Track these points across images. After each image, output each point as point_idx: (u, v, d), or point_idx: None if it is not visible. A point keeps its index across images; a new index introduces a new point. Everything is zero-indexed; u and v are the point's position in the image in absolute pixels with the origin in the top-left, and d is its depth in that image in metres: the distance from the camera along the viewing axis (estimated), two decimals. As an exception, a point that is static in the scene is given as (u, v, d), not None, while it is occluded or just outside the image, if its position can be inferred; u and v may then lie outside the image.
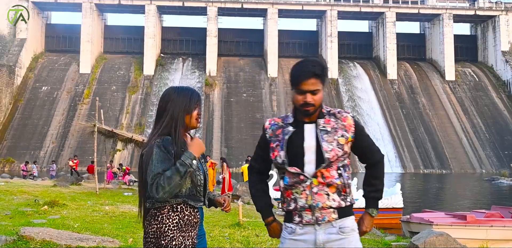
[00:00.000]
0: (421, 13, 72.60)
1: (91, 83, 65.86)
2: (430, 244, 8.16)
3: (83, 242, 6.98)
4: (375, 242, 9.57)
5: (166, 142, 3.25)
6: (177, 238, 3.23)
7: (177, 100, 3.40)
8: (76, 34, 68.57)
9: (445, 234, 8.32)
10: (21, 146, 58.75)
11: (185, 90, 3.48)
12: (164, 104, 3.42)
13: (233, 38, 74.85)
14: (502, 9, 71.68)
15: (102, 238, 7.35)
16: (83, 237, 7.32)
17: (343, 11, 71.40)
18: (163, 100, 3.46)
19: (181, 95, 3.43)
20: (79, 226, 8.71)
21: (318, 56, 73.15)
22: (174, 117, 3.36)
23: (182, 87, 3.53)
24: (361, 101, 66.93)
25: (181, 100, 3.40)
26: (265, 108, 64.84)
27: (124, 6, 70.25)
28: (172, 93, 3.45)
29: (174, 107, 3.38)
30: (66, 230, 8.04)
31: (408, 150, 62.17)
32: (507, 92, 69.23)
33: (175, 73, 68.86)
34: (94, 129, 17.77)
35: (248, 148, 60.40)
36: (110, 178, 28.37)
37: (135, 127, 61.57)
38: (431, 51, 74.88)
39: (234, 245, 7.80)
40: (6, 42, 66.11)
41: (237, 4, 70.25)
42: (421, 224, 10.79)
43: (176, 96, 3.42)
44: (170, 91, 3.49)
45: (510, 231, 10.42)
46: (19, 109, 62.43)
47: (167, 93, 3.48)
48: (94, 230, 8.33)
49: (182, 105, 3.38)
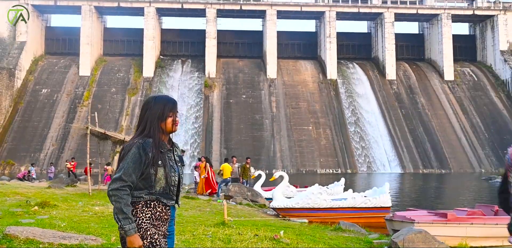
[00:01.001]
0: (420, 13, 72.72)
1: (91, 85, 66.08)
2: (409, 241, 8.32)
3: (66, 240, 7.15)
4: (358, 240, 9.74)
5: (147, 144, 3.63)
6: (150, 229, 3.58)
7: (153, 108, 3.78)
8: (76, 36, 68.81)
9: (424, 231, 8.49)
10: (21, 149, 58.98)
11: (161, 100, 3.86)
12: (143, 112, 3.83)
13: (232, 40, 75.07)
14: (501, 9, 71.78)
15: (85, 237, 7.52)
16: (66, 235, 7.49)
17: (341, 12, 71.55)
18: (143, 108, 3.86)
19: (157, 104, 3.80)
20: (65, 225, 8.88)
21: (317, 57, 73.40)
22: (150, 123, 3.73)
23: (160, 96, 3.90)
24: (360, 101, 67.06)
25: (156, 109, 3.77)
26: (264, 109, 65.00)
27: (124, 8, 70.50)
28: (149, 102, 3.84)
29: (150, 115, 3.76)
30: (52, 229, 8.21)
31: (408, 150, 62.28)
32: (506, 91, 69.32)
33: (175, 75, 69.08)
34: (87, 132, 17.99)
35: (248, 149, 60.57)
36: (108, 180, 28.48)
37: (134, 129, 61.53)
38: (430, 51, 75.00)
39: (215, 243, 7.96)
40: (6, 45, 66.39)
41: (236, 5, 70.45)
42: (403, 222, 10.95)
43: (153, 104, 3.81)
44: (149, 100, 3.89)
45: (489, 228, 10.56)
46: (19, 112, 62.66)
47: (146, 102, 3.88)
48: (80, 229, 8.50)
49: (156, 113, 3.75)
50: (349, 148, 62.04)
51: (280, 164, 59.45)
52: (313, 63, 72.34)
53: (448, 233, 10.32)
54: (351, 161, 60.91)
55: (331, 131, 63.30)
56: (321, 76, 69.66)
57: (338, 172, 58.02)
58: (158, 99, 3.86)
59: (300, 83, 68.68)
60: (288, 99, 66.58)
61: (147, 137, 3.66)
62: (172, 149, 3.86)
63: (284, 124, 63.65)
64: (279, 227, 10.77)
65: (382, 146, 62.70)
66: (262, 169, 58.18)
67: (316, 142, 62.03)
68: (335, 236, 10.12)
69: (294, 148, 61.49)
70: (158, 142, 3.67)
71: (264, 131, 62.96)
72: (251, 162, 61.77)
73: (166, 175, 3.67)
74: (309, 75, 70.15)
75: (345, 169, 59.53)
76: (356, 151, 62.02)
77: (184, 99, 65.20)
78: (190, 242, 7.92)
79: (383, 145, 62.76)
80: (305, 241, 8.82)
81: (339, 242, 9.30)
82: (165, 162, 3.71)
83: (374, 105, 66.89)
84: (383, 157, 61.69)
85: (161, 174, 3.67)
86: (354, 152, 61.81)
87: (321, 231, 10.74)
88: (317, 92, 67.69)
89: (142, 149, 3.59)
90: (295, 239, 8.80)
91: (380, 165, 60.89)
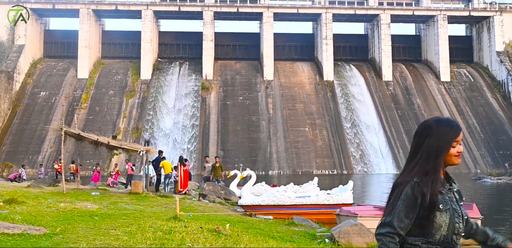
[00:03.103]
0: (416, 15, 73.03)
1: (89, 88, 66.63)
2: (344, 233, 8.74)
3: (9, 230, 7.58)
4: (305, 233, 10.14)
5: (423, 183, 3.00)
6: None
7: (435, 136, 3.08)
8: (74, 39, 69.38)
9: (359, 224, 8.91)
10: (20, 151, 59.50)
11: (445, 124, 3.14)
12: (420, 140, 3.13)
13: (230, 42, 75.55)
14: (496, 10, 72.04)
15: (30, 227, 7.95)
16: (12, 226, 7.92)
17: (338, 14, 71.92)
18: (420, 135, 3.17)
19: (440, 129, 3.10)
20: (20, 218, 9.32)
21: (314, 59, 73.81)
22: (429, 156, 3.06)
23: (443, 120, 3.19)
24: (357, 102, 67.38)
25: (439, 136, 3.07)
26: (261, 111, 65.39)
27: (121, 11, 71.08)
28: (430, 127, 3.13)
29: (430, 145, 3.07)
30: (5, 221, 8.63)
31: (403, 151, 62.42)
32: (502, 92, 69.54)
33: (172, 77, 69.56)
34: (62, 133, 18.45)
35: (244, 151, 61.06)
36: (96, 180, 29.00)
37: (132, 131, 62.29)
38: (427, 52, 75.33)
39: (156, 234, 8.36)
40: (4, 48, 67.05)
41: (233, 8, 70.96)
42: (348, 216, 11.36)
43: (435, 130, 3.10)
44: (429, 124, 3.17)
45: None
46: (17, 115, 63.23)
47: (425, 127, 3.17)
48: (31, 222, 8.93)
49: (440, 143, 3.06)
50: (345, 149, 62.34)
51: (276, 165, 59.79)
52: (310, 64, 72.75)
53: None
54: (347, 162, 61.19)
55: (327, 132, 63.63)
56: (317, 78, 70.04)
57: (334, 173, 58.33)
58: (442, 123, 3.13)
59: (296, 84, 69.08)
60: (284, 100, 66.97)
61: (423, 174, 3.01)
62: (451, 186, 3.19)
63: (281, 125, 64.02)
64: (234, 222, 11.17)
65: (378, 147, 62.98)
66: (259, 170, 58.97)
67: (312, 143, 62.35)
68: (285, 230, 10.51)
69: (290, 149, 61.82)
70: (438, 181, 3.03)
71: (260, 132, 63.33)
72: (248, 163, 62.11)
73: (449, 221, 3.06)
74: (306, 76, 70.55)
75: (341, 170, 59.82)
76: (352, 152, 62.31)
77: (181, 101, 65.71)
78: (133, 233, 8.33)
79: (379, 146, 63.04)
80: (251, 233, 9.21)
81: (285, 235, 9.70)
82: (446, 206, 3.07)
83: (370, 106, 67.19)
84: (378, 158, 61.97)
85: (442, 220, 3.05)
86: (350, 153, 62.09)
87: (274, 226, 11.13)
88: (314, 93, 68.06)
89: (417, 190, 2.98)
90: (239, 231, 9.20)
91: (375, 165, 61.16)
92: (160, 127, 63.38)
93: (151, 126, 63.29)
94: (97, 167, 31.59)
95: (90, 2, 69.21)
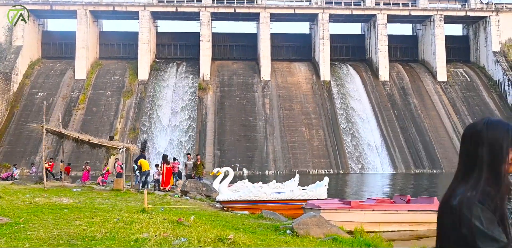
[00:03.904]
0: (412, 15, 73.20)
1: (86, 89, 66.89)
2: (303, 224, 8.95)
3: (-29, 220, 7.79)
4: (270, 226, 10.35)
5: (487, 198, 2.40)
6: None
7: (488, 142, 2.48)
8: (72, 40, 69.68)
9: (318, 216, 9.13)
10: (17, 152, 59.75)
11: (498, 127, 2.51)
12: (471, 147, 2.53)
13: (227, 42, 75.83)
14: (493, 10, 72.18)
15: (-7, 218, 8.17)
16: (-25, 216, 8.14)
17: (334, 14, 72.10)
18: (469, 140, 2.55)
19: (494, 134, 2.49)
20: (-11, 211, 9.55)
21: (311, 59, 74.00)
22: (488, 166, 2.45)
23: (494, 122, 2.54)
24: (353, 102, 67.54)
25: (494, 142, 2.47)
26: (257, 111, 65.58)
27: (119, 12, 71.37)
28: (481, 131, 2.52)
29: (486, 153, 2.47)
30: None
31: (400, 151, 62.69)
32: (499, 92, 69.67)
33: (169, 78, 69.79)
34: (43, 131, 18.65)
35: (241, 151, 61.29)
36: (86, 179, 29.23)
37: (129, 132, 62.53)
38: (423, 52, 75.48)
39: (117, 224, 8.56)
40: (2, 49, 67.38)
41: (230, 8, 71.22)
42: (312, 209, 11.59)
43: (486, 135, 2.49)
44: (479, 128, 2.54)
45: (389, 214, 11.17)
46: (15, 116, 63.50)
47: (475, 131, 2.55)
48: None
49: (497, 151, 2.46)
50: (342, 149, 62.49)
51: (273, 165, 59.96)
52: (307, 65, 72.96)
53: (349, 218, 10.95)
54: (344, 161, 61.33)
55: (324, 132, 63.79)
56: (314, 78, 70.22)
57: (330, 172, 58.45)
58: (493, 126, 2.51)
59: (293, 85, 69.28)
60: (281, 100, 67.16)
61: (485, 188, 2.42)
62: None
63: (277, 125, 64.20)
64: (205, 215, 11.38)
65: (374, 146, 63.12)
66: (255, 170, 59.23)
67: (309, 143, 62.51)
68: (252, 223, 10.72)
69: (287, 149, 61.99)
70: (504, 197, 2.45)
71: (257, 132, 63.51)
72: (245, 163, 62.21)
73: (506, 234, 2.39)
74: (303, 76, 70.75)
75: (338, 169, 59.98)
76: (348, 151, 62.46)
77: (179, 102, 65.95)
78: (95, 223, 8.54)
79: (375, 145, 63.18)
80: (214, 225, 9.41)
81: (249, 227, 9.90)
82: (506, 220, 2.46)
83: (367, 106, 67.34)
84: (375, 158, 62.10)
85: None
86: (346, 153, 62.24)
87: (243, 219, 11.34)
88: (311, 93, 68.24)
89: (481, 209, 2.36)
90: (203, 223, 9.39)
91: (372, 165, 61.30)
92: (157, 128, 63.59)
93: (148, 126, 63.51)
94: (87, 166, 31.81)
95: (88, 3, 69.54)
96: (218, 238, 7.06)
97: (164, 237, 6.92)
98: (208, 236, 7.19)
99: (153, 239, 6.68)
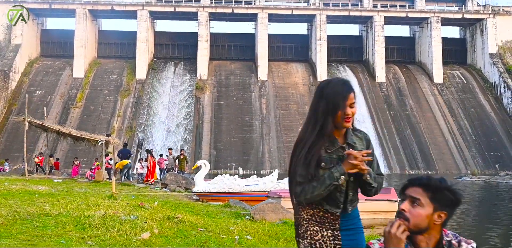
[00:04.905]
0: (409, 17, 73.52)
1: (84, 87, 67.28)
2: (259, 210, 9.35)
3: None
4: (233, 213, 10.70)
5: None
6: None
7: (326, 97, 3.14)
8: (71, 39, 70.04)
9: (275, 202, 9.53)
10: (15, 149, 60.08)
11: (336, 84, 3.21)
12: (316, 100, 3.21)
13: (225, 42, 76.19)
14: (490, 12, 72.48)
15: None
16: None
17: (332, 15, 72.43)
18: (315, 94, 3.25)
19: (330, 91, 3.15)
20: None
21: (308, 60, 74.35)
22: (325, 117, 3.14)
23: (333, 82, 3.25)
24: (349, 103, 67.69)
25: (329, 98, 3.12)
26: (254, 111, 65.92)
27: (117, 11, 71.78)
28: (323, 87, 3.23)
29: (324, 105, 3.14)
30: None
31: (395, 152, 62.96)
32: (495, 94, 69.93)
33: (167, 77, 70.16)
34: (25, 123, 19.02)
35: (237, 150, 61.63)
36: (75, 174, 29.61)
37: (126, 130, 62.90)
38: (420, 54, 75.79)
39: (80, 206, 8.92)
40: (1, 47, 67.84)
41: (228, 9, 71.62)
42: (274, 198, 11.97)
43: (326, 90, 3.18)
44: (323, 84, 3.27)
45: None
46: (13, 113, 63.73)
47: (319, 87, 3.27)
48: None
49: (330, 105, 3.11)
50: (337, 149, 62.65)
51: (269, 165, 60.26)
52: (304, 65, 73.31)
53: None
54: (339, 162, 61.50)
55: (320, 132, 63.97)
56: (311, 79, 70.54)
57: (324, 172, 58.71)
58: (333, 84, 3.20)
59: (290, 85, 69.63)
60: (278, 101, 67.50)
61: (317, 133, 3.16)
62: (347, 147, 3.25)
63: (274, 125, 64.54)
64: (173, 203, 11.73)
65: (369, 147, 63.31)
66: (251, 170, 59.55)
67: (304, 143, 62.69)
68: (217, 210, 11.08)
69: (282, 149, 62.28)
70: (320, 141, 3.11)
71: (253, 132, 63.86)
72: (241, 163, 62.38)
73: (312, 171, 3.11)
74: (300, 77, 71.09)
75: (332, 169, 60.15)
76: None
77: (176, 101, 66.34)
78: (58, 205, 8.89)
79: (370, 146, 63.37)
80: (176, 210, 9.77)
81: (212, 213, 10.27)
82: (330, 164, 3.15)
83: (363, 107, 67.54)
84: (370, 158, 62.25)
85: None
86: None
87: (209, 208, 11.71)
88: (307, 94, 68.52)
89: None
90: (165, 208, 9.76)
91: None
92: (154, 126, 63.96)
93: (145, 125, 63.90)
94: (76, 161, 32.18)
95: (86, 2, 69.97)
96: (167, 217, 7.44)
97: (114, 214, 7.29)
98: (158, 215, 7.55)
99: (103, 215, 7.05)
